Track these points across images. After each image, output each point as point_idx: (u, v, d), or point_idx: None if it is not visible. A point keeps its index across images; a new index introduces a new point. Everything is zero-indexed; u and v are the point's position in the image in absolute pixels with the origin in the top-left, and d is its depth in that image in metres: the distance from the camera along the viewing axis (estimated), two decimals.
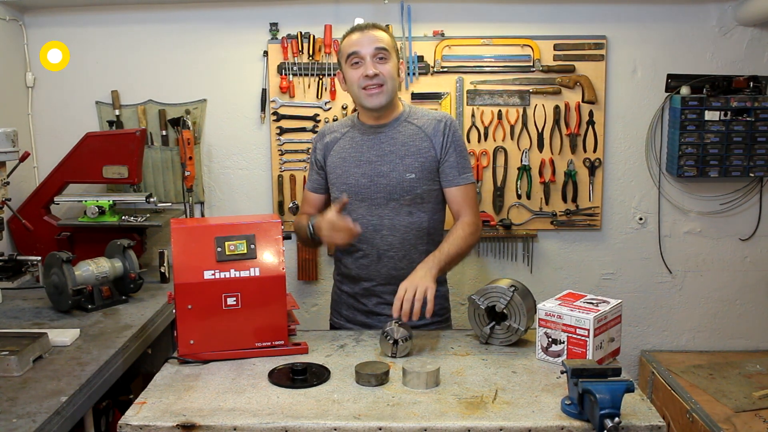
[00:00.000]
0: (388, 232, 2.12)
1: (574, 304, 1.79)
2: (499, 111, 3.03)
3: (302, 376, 1.68)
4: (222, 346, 1.80)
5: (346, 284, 2.24)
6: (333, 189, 2.19)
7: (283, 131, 3.05)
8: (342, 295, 2.27)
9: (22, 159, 2.40)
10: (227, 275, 1.79)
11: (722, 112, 2.95)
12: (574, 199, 3.10)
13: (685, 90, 2.97)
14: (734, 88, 2.95)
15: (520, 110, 3.03)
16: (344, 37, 2.11)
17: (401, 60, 2.14)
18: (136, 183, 2.80)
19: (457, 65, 3.01)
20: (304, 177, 3.06)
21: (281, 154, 3.07)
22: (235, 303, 1.79)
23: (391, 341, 1.80)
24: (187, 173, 2.90)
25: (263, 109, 3.06)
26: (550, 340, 1.78)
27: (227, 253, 1.81)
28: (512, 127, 3.04)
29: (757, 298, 3.21)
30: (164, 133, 3.06)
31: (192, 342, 1.79)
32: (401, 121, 2.14)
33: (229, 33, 3.02)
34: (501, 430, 1.46)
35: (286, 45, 2.98)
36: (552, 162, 3.06)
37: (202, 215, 3.13)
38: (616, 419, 1.37)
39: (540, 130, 3.05)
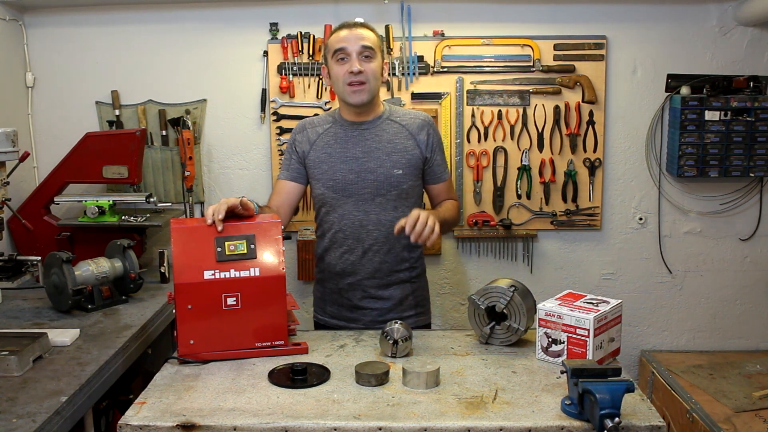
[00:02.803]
0: (373, 227, 2.17)
1: (574, 304, 1.79)
2: (499, 111, 3.03)
3: (302, 376, 1.68)
4: (222, 346, 1.80)
5: (329, 281, 2.27)
6: (317, 184, 2.21)
7: (283, 131, 3.05)
8: (326, 293, 2.30)
9: (22, 159, 2.40)
10: (227, 275, 1.79)
11: (722, 112, 2.95)
12: (574, 199, 3.10)
13: (685, 90, 2.97)
14: (734, 88, 2.95)
15: (520, 110, 3.03)
16: (332, 32, 2.15)
17: (386, 61, 2.20)
18: (136, 183, 2.80)
19: (457, 65, 3.01)
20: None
21: (281, 154, 3.07)
22: (235, 303, 1.79)
23: (391, 341, 1.80)
24: (187, 173, 2.90)
25: (263, 109, 3.06)
26: (550, 340, 1.78)
27: (227, 253, 1.81)
28: (512, 127, 3.04)
29: (757, 298, 3.21)
30: (164, 133, 3.06)
31: (192, 342, 1.78)
32: (383, 119, 2.20)
33: (229, 33, 3.02)
34: (501, 430, 1.46)
35: (286, 45, 2.98)
36: (552, 162, 3.06)
37: (202, 215, 3.12)
38: (616, 419, 1.37)
39: (540, 130, 3.05)
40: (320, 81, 2.99)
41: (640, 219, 3.15)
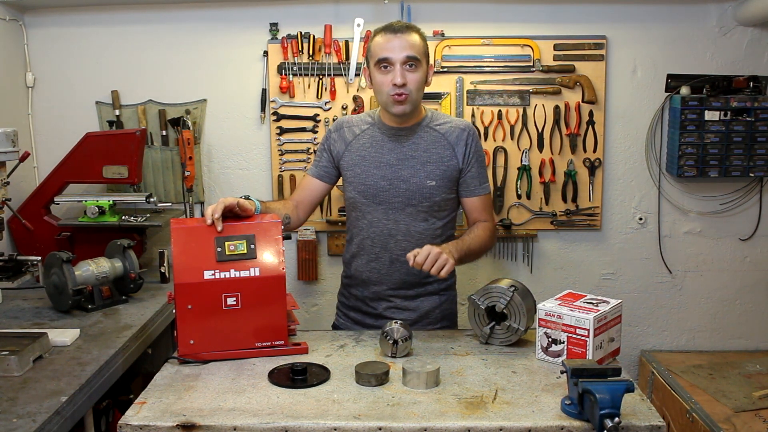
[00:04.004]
0: (402, 237, 2.12)
1: (574, 304, 1.79)
2: (499, 111, 3.03)
3: (302, 376, 1.68)
4: (222, 346, 1.80)
5: (355, 288, 2.24)
6: (349, 187, 2.18)
7: (283, 131, 3.05)
8: (351, 299, 2.27)
9: (22, 159, 2.40)
10: (227, 275, 1.79)
11: (722, 112, 2.95)
12: (574, 199, 3.09)
13: (685, 90, 2.97)
14: (734, 88, 2.95)
15: (520, 110, 3.03)
16: (376, 33, 2.06)
17: (431, 64, 2.11)
18: (136, 183, 2.80)
19: (457, 65, 3.01)
20: (304, 176, 3.07)
21: (281, 154, 3.07)
22: (235, 303, 1.79)
23: (391, 341, 1.80)
24: (187, 173, 2.90)
25: (263, 109, 3.06)
26: (550, 340, 1.78)
27: (227, 253, 1.81)
28: (512, 127, 3.04)
29: (757, 298, 3.21)
30: (164, 133, 3.06)
31: (192, 342, 1.79)
32: (423, 126, 2.13)
33: (229, 33, 3.02)
34: (501, 430, 1.46)
35: (286, 45, 2.98)
36: (552, 162, 3.06)
37: (203, 215, 3.12)
38: (616, 419, 1.37)
39: (540, 130, 3.05)
40: (320, 81, 2.99)
41: (640, 219, 3.15)
